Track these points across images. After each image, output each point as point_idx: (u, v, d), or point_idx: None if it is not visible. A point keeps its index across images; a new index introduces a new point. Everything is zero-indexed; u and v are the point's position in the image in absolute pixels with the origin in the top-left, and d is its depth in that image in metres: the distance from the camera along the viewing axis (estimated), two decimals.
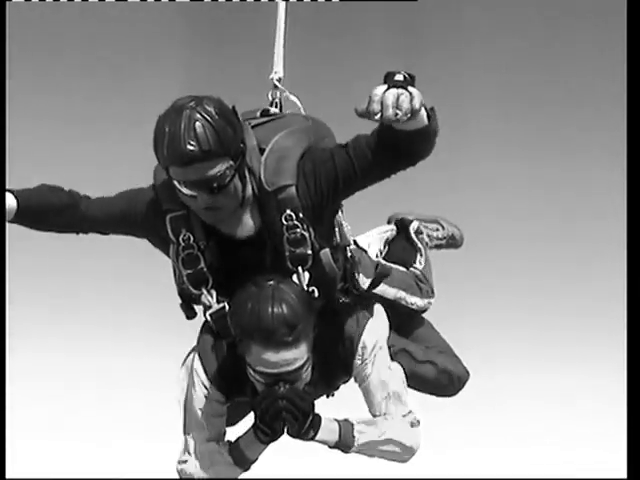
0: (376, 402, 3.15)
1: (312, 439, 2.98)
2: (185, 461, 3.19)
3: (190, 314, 3.16)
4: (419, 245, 3.85)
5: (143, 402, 7.70)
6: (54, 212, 3.03)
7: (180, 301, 3.15)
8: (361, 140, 2.76)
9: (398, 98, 2.37)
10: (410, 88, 2.41)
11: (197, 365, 3.15)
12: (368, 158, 2.75)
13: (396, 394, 3.15)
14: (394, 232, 3.96)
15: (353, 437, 3.03)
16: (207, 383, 3.13)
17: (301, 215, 2.86)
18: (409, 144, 2.63)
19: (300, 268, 2.93)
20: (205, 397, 3.14)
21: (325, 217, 2.98)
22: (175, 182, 2.74)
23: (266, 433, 2.93)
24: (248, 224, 2.95)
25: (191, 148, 2.61)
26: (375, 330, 3.17)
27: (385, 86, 2.41)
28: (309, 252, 2.90)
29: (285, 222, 2.87)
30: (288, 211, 2.86)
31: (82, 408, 7.76)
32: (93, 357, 8.06)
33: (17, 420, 5.80)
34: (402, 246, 3.85)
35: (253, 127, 3.13)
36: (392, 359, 3.24)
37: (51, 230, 3.13)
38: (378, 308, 3.28)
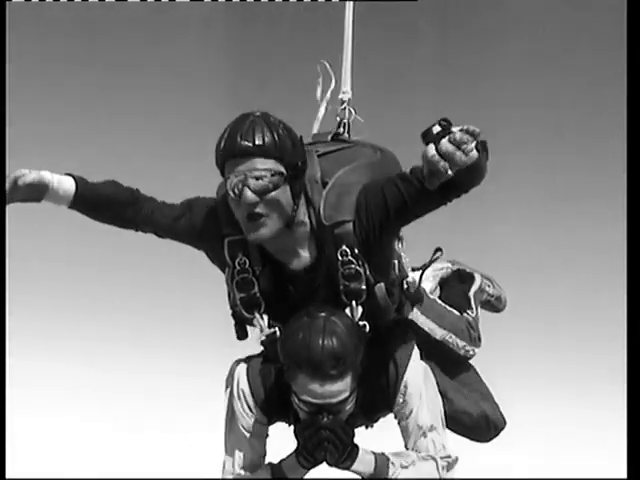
0: (412, 440, 3.15)
1: (348, 468, 3.01)
2: None
3: (242, 336, 3.17)
4: (473, 295, 3.85)
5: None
6: (115, 205, 3.05)
7: (234, 322, 3.15)
8: (413, 172, 2.74)
9: (452, 142, 2.40)
10: (452, 128, 2.42)
11: (244, 385, 3.16)
12: (418, 189, 2.72)
13: (433, 435, 3.15)
14: (449, 271, 3.97)
15: (387, 472, 3.05)
16: (252, 404, 3.15)
17: (356, 251, 2.86)
18: (461, 179, 2.59)
19: (354, 302, 2.94)
20: (249, 418, 3.17)
21: (381, 249, 2.97)
22: (227, 184, 2.76)
23: (308, 460, 2.97)
24: (304, 256, 2.96)
25: (246, 143, 2.69)
26: (419, 369, 3.17)
27: (432, 145, 2.44)
28: (363, 287, 2.91)
29: (340, 257, 2.88)
30: (344, 247, 2.87)
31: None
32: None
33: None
34: (456, 290, 3.86)
35: (320, 156, 3.15)
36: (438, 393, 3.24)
37: (110, 223, 3.13)
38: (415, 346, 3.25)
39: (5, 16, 3.71)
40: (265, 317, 3.06)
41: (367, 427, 3.38)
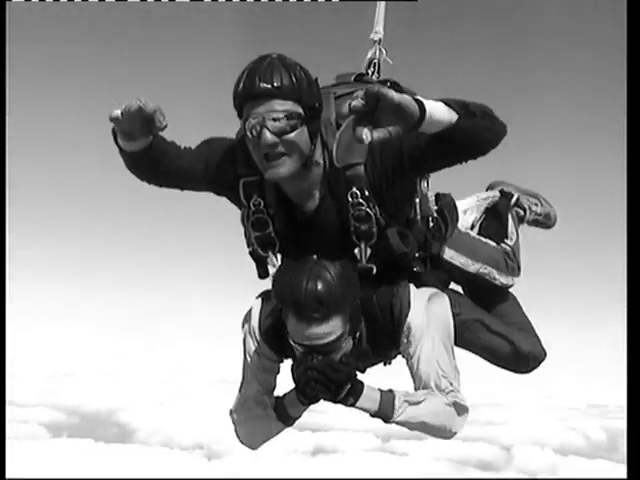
0: (418, 380, 3.23)
1: (352, 405, 3.11)
2: (236, 411, 3.38)
3: (263, 274, 3.24)
4: (514, 219, 3.89)
5: None
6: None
7: (253, 262, 3.22)
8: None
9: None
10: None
11: (255, 322, 3.30)
12: (431, 144, 2.77)
13: (439, 375, 3.20)
14: (496, 199, 3.97)
15: (393, 409, 3.12)
16: (259, 339, 3.27)
17: (367, 193, 2.95)
18: (474, 142, 2.73)
19: (363, 244, 3.02)
20: (257, 352, 3.30)
21: (395, 194, 3.01)
22: (246, 125, 2.82)
23: (303, 396, 3.09)
24: (316, 196, 3.03)
25: (265, 85, 2.76)
26: (422, 311, 3.22)
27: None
28: (374, 229, 3.00)
29: (351, 199, 2.96)
30: (354, 189, 2.94)
31: None
32: None
33: None
34: (498, 218, 3.88)
35: (337, 98, 3.18)
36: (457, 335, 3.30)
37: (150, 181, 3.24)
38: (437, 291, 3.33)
39: (5, 16, 3.80)
40: (279, 256, 3.17)
41: (385, 364, 3.52)
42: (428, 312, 3.22)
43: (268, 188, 3.04)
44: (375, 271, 3.07)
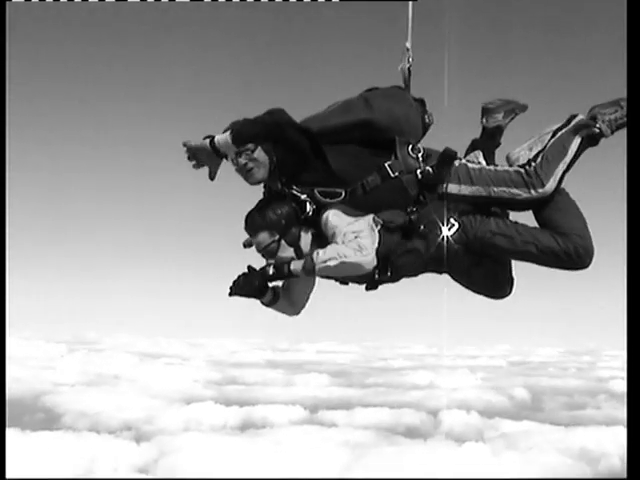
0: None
1: (289, 272, 4.40)
2: None
3: None
4: (557, 138, 4.36)
5: None
6: None
7: None
8: None
9: None
10: None
11: None
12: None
13: (342, 231, 4.34)
14: (567, 127, 4.41)
15: (312, 261, 4.32)
16: None
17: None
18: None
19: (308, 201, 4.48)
20: None
21: (306, 178, 4.47)
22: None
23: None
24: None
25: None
26: (332, 213, 4.43)
27: None
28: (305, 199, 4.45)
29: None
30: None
31: None
32: None
33: None
34: (561, 143, 4.35)
35: None
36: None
37: None
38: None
39: (5, 16, 3.96)
40: None
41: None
42: (334, 215, 4.42)
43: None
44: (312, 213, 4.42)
